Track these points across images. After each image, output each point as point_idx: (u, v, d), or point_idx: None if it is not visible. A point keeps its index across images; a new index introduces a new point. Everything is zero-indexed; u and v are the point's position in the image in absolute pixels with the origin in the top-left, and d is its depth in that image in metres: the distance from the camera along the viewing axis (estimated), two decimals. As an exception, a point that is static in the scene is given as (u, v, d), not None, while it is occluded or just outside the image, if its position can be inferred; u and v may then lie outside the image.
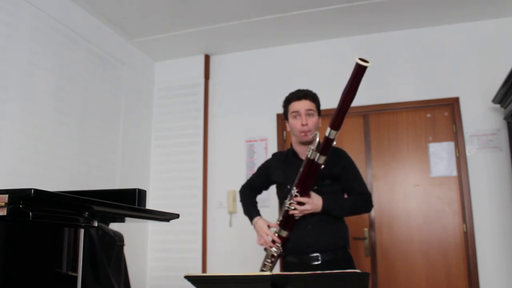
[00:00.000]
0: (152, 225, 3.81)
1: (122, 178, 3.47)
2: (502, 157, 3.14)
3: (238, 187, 3.71)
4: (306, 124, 2.06)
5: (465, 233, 3.14)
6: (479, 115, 3.25)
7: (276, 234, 2.07)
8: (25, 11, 2.66)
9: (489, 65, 3.27)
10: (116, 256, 1.67)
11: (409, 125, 3.42)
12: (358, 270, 1.12)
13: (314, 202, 2.01)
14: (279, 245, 2.06)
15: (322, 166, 1.94)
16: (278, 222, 2.06)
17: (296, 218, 2.02)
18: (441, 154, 3.30)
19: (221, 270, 3.49)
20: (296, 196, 1.99)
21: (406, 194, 3.32)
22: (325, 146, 1.90)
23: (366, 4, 3.15)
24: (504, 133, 3.13)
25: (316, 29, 3.55)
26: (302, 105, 2.08)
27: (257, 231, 2.15)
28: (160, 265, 3.73)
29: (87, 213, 0.85)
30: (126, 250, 1.84)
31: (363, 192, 2.14)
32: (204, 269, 3.59)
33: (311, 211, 2.00)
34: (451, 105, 3.34)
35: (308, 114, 2.07)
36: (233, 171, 3.75)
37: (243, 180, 3.87)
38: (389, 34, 3.58)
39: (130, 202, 1.01)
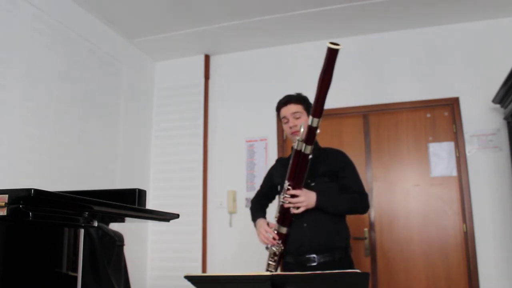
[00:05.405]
0: (152, 225, 3.80)
1: (122, 178, 3.47)
2: (502, 157, 3.14)
3: (238, 187, 3.77)
4: (295, 125, 2.12)
5: (465, 233, 3.14)
6: (479, 115, 3.25)
7: (276, 232, 2.07)
8: (25, 11, 2.66)
9: (489, 65, 3.26)
10: (116, 256, 1.66)
11: (409, 125, 3.42)
12: (358, 270, 1.12)
13: (308, 195, 2.01)
14: (279, 242, 2.06)
15: (310, 156, 1.96)
16: (276, 219, 2.08)
17: (292, 213, 2.02)
18: (441, 154, 3.30)
19: (221, 270, 3.49)
20: (288, 189, 2.00)
21: (406, 194, 3.32)
22: (309, 135, 1.92)
23: (366, 4, 3.15)
24: (504, 133, 3.13)
25: (316, 29, 3.55)
26: (287, 110, 2.17)
27: (257, 229, 2.18)
28: (160, 265, 3.73)
29: (87, 213, 0.85)
30: (126, 250, 1.84)
31: (360, 191, 2.13)
32: (204, 269, 3.59)
33: (305, 205, 2.00)
34: (451, 105, 3.34)
35: (295, 116, 2.14)
36: (233, 171, 3.75)
37: (243, 180, 3.90)
38: (389, 34, 3.58)
39: (130, 202, 1.02)
